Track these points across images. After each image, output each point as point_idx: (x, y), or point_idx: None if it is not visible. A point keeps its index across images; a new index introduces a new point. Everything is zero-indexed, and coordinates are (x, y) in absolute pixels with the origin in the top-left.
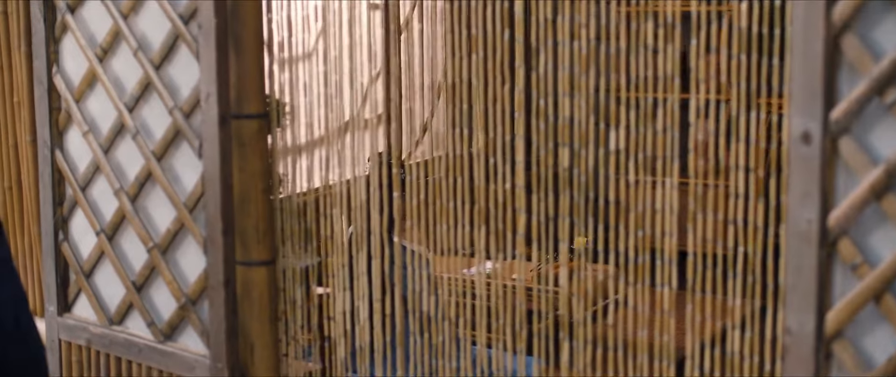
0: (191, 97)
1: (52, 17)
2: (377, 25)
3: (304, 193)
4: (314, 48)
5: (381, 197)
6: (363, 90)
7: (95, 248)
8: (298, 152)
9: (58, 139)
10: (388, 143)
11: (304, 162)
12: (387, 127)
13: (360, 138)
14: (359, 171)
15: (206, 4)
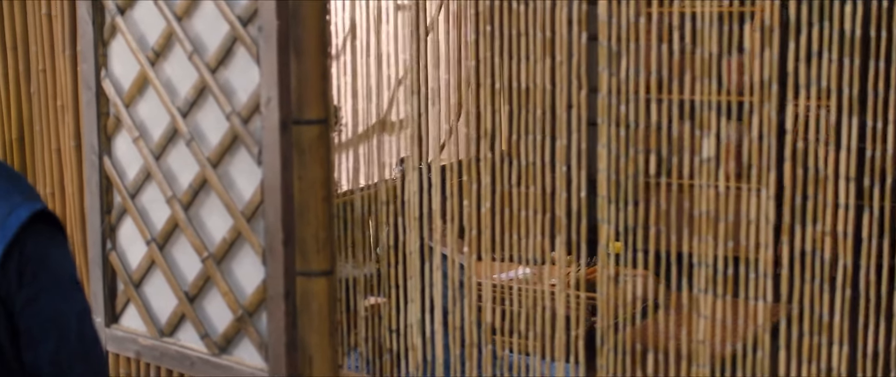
0: (249, 102)
1: (101, 20)
2: (440, 29)
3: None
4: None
5: (447, 204)
6: (434, 95)
7: (145, 258)
8: (357, 159)
9: (106, 145)
10: (456, 150)
11: (363, 169)
12: (450, 133)
13: (426, 146)
14: (427, 178)
15: (267, 6)
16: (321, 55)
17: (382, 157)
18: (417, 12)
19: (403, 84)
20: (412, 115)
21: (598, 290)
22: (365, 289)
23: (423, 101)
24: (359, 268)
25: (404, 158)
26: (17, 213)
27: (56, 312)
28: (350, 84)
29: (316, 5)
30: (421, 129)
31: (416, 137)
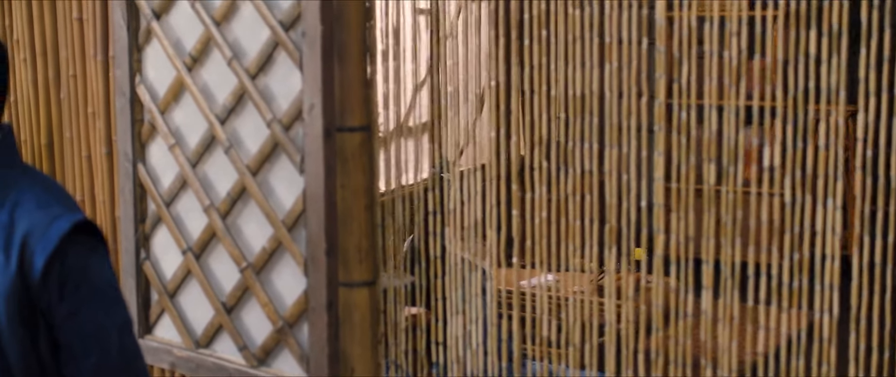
0: (291, 109)
1: (136, 24)
2: (483, 33)
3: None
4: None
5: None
6: (480, 100)
7: (181, 267)
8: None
9: (140, 152)
10: (507, 157)
11: (407, 177)
12: (498, 140)
13: (478, 154)
14: (473, 187)
15: (311, 10)
16: (363, 60)
17: (421, 162)
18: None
19: (448, 89)
20: (453, 121)
21: (653, 302)
22: (405, 300)
23: (470, 106)
24: (398, 279)
25: (441, 164)
26: (58, 224)
27: (97, 326)
28: (392, 89)
29: (359, 9)
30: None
31: (458, 144)
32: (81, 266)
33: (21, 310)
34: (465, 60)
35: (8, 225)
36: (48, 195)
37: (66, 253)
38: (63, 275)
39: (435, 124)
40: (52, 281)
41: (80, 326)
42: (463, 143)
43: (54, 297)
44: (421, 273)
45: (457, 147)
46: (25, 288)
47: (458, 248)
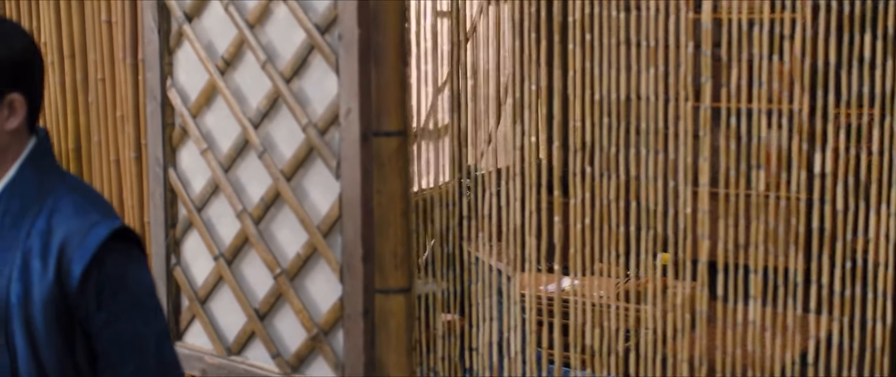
0: (327, 113)
1: (167, 27)
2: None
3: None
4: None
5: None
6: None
7: (212, 273)
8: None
9: (171, 157)
10: (549, 164)
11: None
12: (541, 147)
13: (518, 160)
14: (513, 193)
15: (348, 13)
16: (400, 64)
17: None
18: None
19: (499, 95)
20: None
21: (697, 311)
22: (442, 307)
23: (504, 110)
24: (430, 285)
25: (470, 168)
26: (96, 231)
27: (135, 334)
28: (430, 93)
29: (396, 11)
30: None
31: (494, 149)
32: (120, 274)
33: (58, 318)
34: (497, 63)
35: (45, 231)
36: (86, 201)
37: (104, 260)
38: (101, 283)
39: (461, 128)
40: (89, 289)
41: (117, 335)
42: (489, 146)
43: (92, 305)
44: (453, 279)
45: (484, 150)
46: (63, 296)
47: (489, 254)
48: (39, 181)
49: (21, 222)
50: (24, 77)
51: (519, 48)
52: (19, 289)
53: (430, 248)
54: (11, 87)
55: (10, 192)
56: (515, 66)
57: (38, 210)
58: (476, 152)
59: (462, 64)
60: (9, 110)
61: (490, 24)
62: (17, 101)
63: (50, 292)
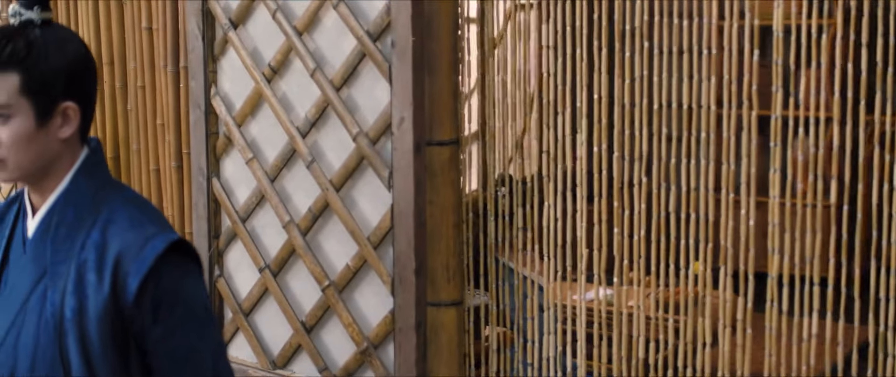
0: (379, 122)
1: (212, 35)
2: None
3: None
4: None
5: (596, 232)
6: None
7: (257, 285)
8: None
9: (214, 166)
10: (609, 173)
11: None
12: (600, 155)
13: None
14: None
15: (401, 20)
16: (453, 72)
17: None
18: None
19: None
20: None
21: (768, 327)
22: (495, 320)
23: (563, 120)
24: (480, 297)
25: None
26: (153, 244)
27: (191, 349)
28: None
29: (449, 18)
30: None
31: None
32: (176, 288)
33: (114, 332)
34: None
35: (100, 245)
36: (141, 213)
37: (160, 274)
38: (157, 298)
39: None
40: (145, 303)
41: (173, 350)
42: (543, 154)
43: (148, 320)
44: (502, 291)
45: (526, 157)
46: (118, 310)
47: (526, 265)
48: (93, 192)
49: (75, 234)
50: (78, 85)
51: (577, 56)
52: (74, 303)
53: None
54: (66, 96)
55: (64, 203)
56: (573, 75)
57: (93, 222)
58: (524, 160)
59: (513, 71)
60: (62, 119)
61: (548, 30)
62: (72, 110)
63: (105, 306)
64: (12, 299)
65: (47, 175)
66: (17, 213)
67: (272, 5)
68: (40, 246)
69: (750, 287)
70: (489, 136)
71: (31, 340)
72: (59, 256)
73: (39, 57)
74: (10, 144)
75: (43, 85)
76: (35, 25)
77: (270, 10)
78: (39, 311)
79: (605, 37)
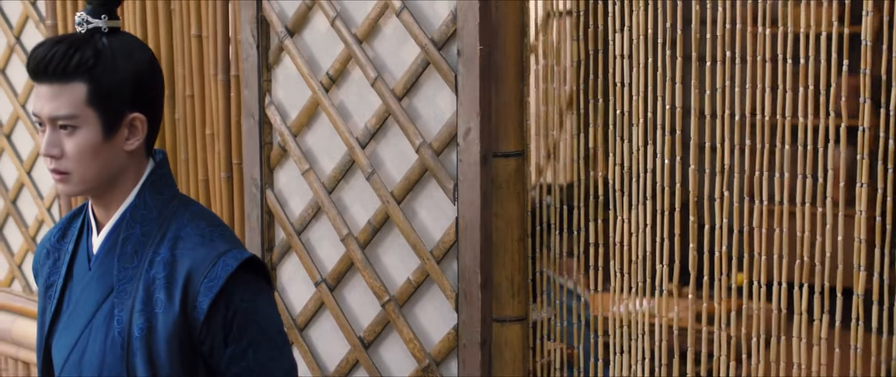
0: (443, 132)
1: (266, 42)
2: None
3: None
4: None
5: (671, 246)
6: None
7: (313, 300)
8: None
9: (268, 177)
10: (680, 185)
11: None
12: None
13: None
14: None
15: (469, 28)
16: (519, 81)
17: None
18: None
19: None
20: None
21: (853, 347)
22: (559, 336)
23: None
24: (543, 311)
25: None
26: (225, 262)
27: (263, 372)
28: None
29: (515, 27)
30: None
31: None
32: (248, 307)
33: (182, 353)
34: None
35: (169, 262)
36: (212, 229)
37: (232, 293)
38: (229, 317)
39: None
40: (216, 322)
41: (245, 372)
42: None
43: (218, 340)
44: (562, 307)
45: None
46: (188, 329)
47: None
48: (160, 207)
49: (142, 250)
50: (145, 95)
51: (652, 65)
52: (142, 322)
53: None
54: (133, 106)
55: (130, 219)
56: (649, 85)
57: (161, 238)
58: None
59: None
60: (129, 130)
61: (624, 39)
62: (139, 121)
63: (175, 325)
64: (77, 316)
65: (112, 189)
66: (81, 228)
67: (331, 13)
68: (106, 263)
69: (857, 307)
70: (555, 146)
71: (96, 359)
72: (126, 274)
73: (107, 66)
74: (75, 157)
75: (110, 95)
76: (102, 33)
77: (329, 17)
78: (106, 330)
79: (681, 46)
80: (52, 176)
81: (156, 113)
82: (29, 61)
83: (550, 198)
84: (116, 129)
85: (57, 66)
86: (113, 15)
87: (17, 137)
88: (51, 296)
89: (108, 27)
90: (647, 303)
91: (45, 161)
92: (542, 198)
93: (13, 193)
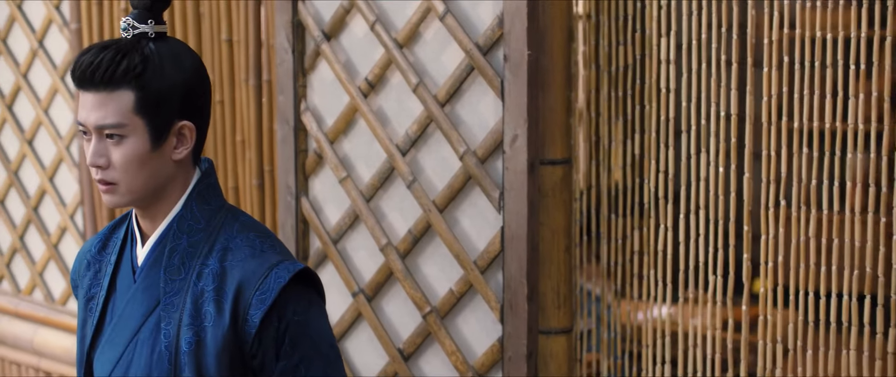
0: (488, 139)
1: (302, 47)
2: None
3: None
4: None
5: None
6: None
7: (350, 310)
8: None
9: (303, 185)
10: (740, 192)
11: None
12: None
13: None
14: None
15: (516, 33)
16: (566, 87)
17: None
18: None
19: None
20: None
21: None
22: (606, 348)
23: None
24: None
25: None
26: (277, 274)
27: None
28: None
29: (562, 31)
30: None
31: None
32: (300, 321)
33: (232, 367)
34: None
35: (219, 274)
36: (262, 240)
37: (285, 306)
38: (281, 332)
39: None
40: (268, 336)
41: None
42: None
43: (269, 355)
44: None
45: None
46: (238, 344)
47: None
48: (208, 217)
49: (190, 262)
50: (194, 103)
51: (703, 71)
52: (191, 336)
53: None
54: (181, 114)
55: (177, 229)
56: (699, 91)
57: (209, 249)
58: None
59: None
60: (178, 139)
61: (670, 45)
62: (187, 129)
63: (225, 340)
64: (121, 330)
65: (159, 199)
66: (124, 239)
67: (371, 17)
68: (152, 275)
69: None
70: (602, 154)
71: (142, 374)
72: (173, 286)
73: (155, 73)
74: (122, 167)
75: (159, 103)
76: (149, 39)
77: (369, 21)
78: (152, 344)
79: (737, 51)
80: (98, 186)
81: (204, 121)
82: (74, 68)
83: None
84: (165, 137)
85: (104, 74)
86: (160, 20)
87: (39, 143)
88: (92, 308)
89: (155, 32)
90: (672, 310)
91: (92, 171)
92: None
93: (35, 200)
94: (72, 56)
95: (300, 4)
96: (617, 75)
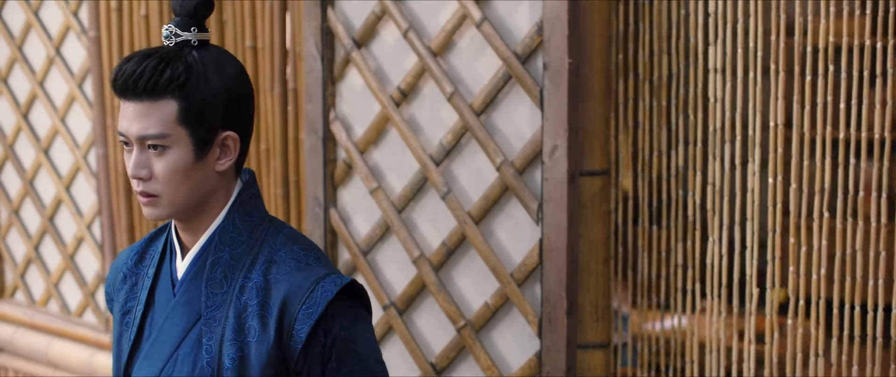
0: (526, 150)
1: (331, 54)
2: None
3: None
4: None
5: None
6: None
7: (380, 323)
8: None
9: (332, 196)
10: (785, 207)
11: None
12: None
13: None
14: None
15: (556, 41)
16: (606, 97)
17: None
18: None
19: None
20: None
21: None
22: (645, 363)
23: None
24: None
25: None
26: (323, 288)
27: None
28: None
29: (601, 40)
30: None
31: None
32: (347, 336)
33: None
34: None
35: (263, 287)
36: (306, 253)
37: (331, 321)
38: (327, 347)
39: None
40: (314, 352)
41: None
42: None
43: (316, 370)
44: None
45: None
46: (283, 359)
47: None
48: (250, 229)
49: (232, 275)
50: (237, 112)
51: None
52: (234, 352)
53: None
54: (225, 124)
55: (219, 242)
56: (747, 100)
57: (251, 262)
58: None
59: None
60: (221, 150)
61: (716, 52)
62: (231, 140)
63: (269, 355)
64: (161, 345)
65: (201, 211)
66: (163, 251)
67: (403, 24)
68: (193, 288)
69: None
70: (642, 166)
71: None
72: (214, 300)
73: (199, 82)
74: (165, 178)
75: (203, 113)
76: (192, 47)
77: (401, 29)
78: (193, 360)
79: (784, 60)
80: (139, 199)
81: (247, 131)
82: (116, 77)
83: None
84: (208, 148)
85: (147, 83)
86: (202, 27)
87: (55, 152)
88: (129, 322)
89: (198, 40)
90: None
91: (133, 183)
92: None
93: (50, 210)
94: (90, 64)
95: (329, 11)
96: (659, 84)
